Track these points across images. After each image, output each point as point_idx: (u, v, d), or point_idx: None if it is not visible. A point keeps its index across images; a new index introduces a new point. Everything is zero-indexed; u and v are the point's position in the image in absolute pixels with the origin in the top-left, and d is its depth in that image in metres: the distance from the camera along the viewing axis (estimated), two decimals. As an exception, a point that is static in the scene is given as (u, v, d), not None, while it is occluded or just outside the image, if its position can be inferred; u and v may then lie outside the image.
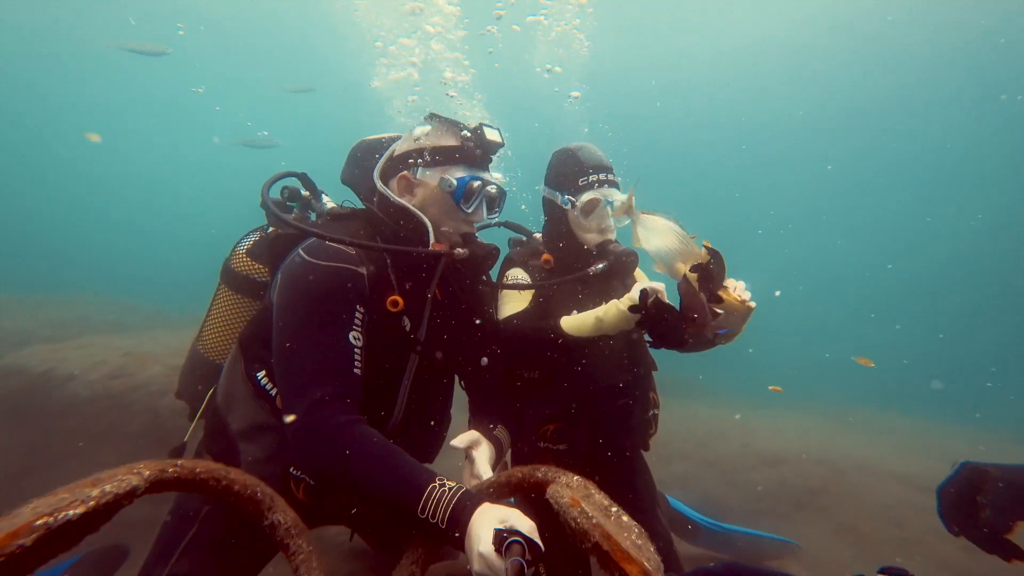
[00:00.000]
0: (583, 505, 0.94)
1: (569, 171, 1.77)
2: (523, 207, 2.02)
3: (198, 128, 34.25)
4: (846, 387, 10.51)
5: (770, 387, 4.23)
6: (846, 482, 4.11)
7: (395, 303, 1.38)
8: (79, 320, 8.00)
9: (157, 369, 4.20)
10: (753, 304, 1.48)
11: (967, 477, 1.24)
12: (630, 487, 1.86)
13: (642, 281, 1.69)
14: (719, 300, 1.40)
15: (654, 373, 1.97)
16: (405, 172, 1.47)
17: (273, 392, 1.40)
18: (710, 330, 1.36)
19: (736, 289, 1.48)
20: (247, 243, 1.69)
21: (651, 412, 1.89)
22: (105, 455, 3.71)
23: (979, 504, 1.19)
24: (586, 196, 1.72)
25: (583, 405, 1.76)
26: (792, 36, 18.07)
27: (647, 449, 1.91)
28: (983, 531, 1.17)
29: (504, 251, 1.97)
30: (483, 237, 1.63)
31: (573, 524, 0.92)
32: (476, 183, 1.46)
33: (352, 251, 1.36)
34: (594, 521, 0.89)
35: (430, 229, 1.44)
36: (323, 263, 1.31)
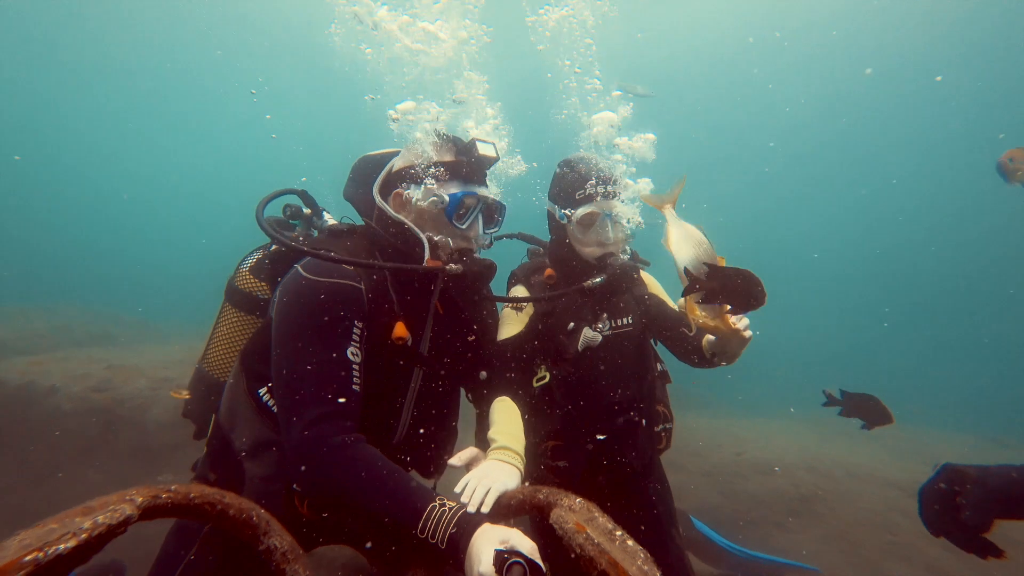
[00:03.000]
0: (588, 531, 0.93)
1: (567, 184, 1.73)
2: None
3: (191, 137, 33.91)
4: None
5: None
6: (837, 489, 4.15)
7: (401, 338, 1.36)
8: (61, 330, 7.80)
9: (142, 383, 4.11)
10: (749, 334, 1.45)
11: (947, 478, 1.24)
12: (638, 506, 1.81)
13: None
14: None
15: (668, 386, 1.93)
16: (399, 189, 1.47)
17: (276, 409, 1.37)
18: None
19: (733, 317, 1.45)
20: (250, 261, 1.66)
21: (660, 427, 1.84)
22: (91, 472, 3.61)
23: (959, 504, 1.19)
24: (582, 210, 1.67)
25: (582, 422, 1.73)
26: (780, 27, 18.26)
27: (651, 466, 1.85)
28: (962, 531, 1.19)
29: (516, 263, 1.96)
30: (501, 249, 1.62)
31: (579, 551, 0.91)
32: (469, 199, 1.44)
33: (350, 267, 1.35)
34: (601, 548, 0.88)
35: (426, 245, 1.42)
36: (321, 279, 1.30)
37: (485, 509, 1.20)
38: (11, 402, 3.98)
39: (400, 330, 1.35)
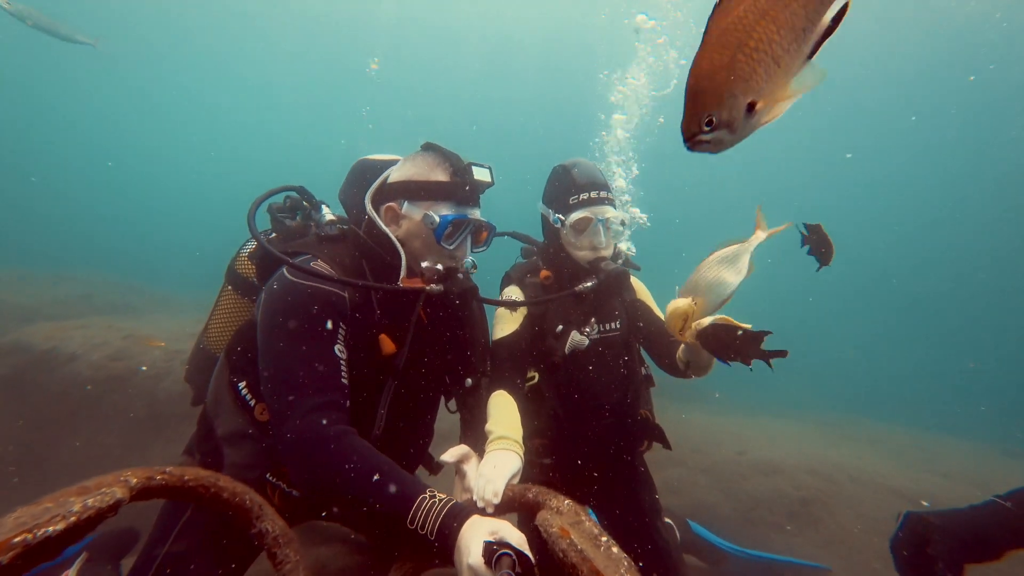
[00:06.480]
0: (572, 536, 0.93)
1: (561, 189, 1.79)
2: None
3: (217, 115, 34.12)
4: (840, 396, 10.49)
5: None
6: (840, 493, 4.10)
7: (390, 353, 1.41)
8: (84, 299, 8.04)
9: (156, 353, 4.23)
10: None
11: (913, 530, 1.34)
12: (622, 503, 1.88)
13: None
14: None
15: (651, 389, 1.99)
16: (392, 203, 1.48)
17: (252, 403, 1.46)
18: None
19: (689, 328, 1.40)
20: (250, 247, 1.72)
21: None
22: (106, 436, 3.75)
23: (930, 556, 1.28)
24: (575, 215, 1.73)
25: (567, 422, 1.80)
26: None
27: (634, 466, 1.91)
28: None
29: (509, 261, 2.01)
30: (495, 245, 1.65)
31: (561, 555, 0.91)
32: (460, 222, 1.47)
33: (333, 273, 1.37)
34: (584, 555, 0.88)
35: (403, 262, 1.45)
36: (306, 282, 1.34)
37: (497, 501, 1.25)
38: (34, 368, 4.13)
39: (388, 346, 1.40)
